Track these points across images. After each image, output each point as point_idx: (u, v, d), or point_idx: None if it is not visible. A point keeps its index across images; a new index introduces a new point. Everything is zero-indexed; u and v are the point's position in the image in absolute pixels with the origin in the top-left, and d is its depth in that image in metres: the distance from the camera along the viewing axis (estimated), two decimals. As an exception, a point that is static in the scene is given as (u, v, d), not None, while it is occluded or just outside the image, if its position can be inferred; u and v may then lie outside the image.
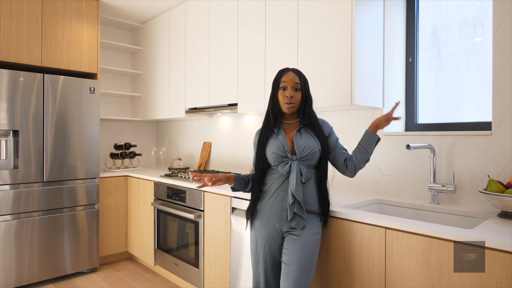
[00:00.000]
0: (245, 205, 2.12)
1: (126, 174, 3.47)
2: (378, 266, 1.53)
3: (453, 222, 1.76)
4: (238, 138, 3.23)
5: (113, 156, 3.66)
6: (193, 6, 3.20)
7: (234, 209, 2.27)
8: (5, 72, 2.74)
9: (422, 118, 2.23)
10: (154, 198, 3.07)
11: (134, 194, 3.39)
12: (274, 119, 1.69)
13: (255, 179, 1.71)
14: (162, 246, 2.99)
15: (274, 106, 1.69)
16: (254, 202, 1.72)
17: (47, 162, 2.93)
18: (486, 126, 1.88)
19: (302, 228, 1.58)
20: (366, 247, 1.57)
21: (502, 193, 1.55)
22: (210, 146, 3.52)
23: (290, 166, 1.60)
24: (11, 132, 2.80)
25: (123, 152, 3.67)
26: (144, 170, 3.68)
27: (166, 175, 3.06)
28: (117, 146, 3.70)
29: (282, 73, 1.68)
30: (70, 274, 3.09)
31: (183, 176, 2.93)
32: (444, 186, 1.84)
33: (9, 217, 2.74)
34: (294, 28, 2.30)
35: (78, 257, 3.10)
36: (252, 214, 1.72)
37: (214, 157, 3.48)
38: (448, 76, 2.12)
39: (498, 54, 1.74)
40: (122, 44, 3.83)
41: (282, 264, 1.60)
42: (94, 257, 3.19)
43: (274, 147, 1.64)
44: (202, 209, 2.53)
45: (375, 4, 2.14)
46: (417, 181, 2.05)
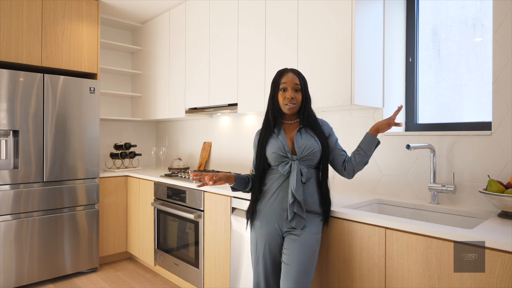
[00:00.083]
0: (245, 205, 2.12)
1: (126, 174, 3.47)
2: (378, 266, 1.53)
3: (453, 222, 1.76)
4: (238, 138, 3.23)
5: (113, 156, 3.66)
6: (193, 6, 3.20)
7: (234, 209, 2.27)
8: (5, 72, 2.74)
9: (422, 118, 2.23)
10: (154, 198, 3.07)
11: (134, 194, 3.39)
12: (274, 120, 1.69)
13: (255, 179, 1.71)
14: (162, 246, 2.99)
15: (274, 107, 1.69)
16: (254, 202, 1.72)
17: (47, 162, 2.94)
18: (486, 126, 1.88)
19: (302, 228, 1.58)
20: (366, 247, 1.57)
21: (502, 193, 1.55)
22: (210, 146, 3.52)
23: (291, 166, 1.60)
24: (11, 132, 2.80)
25: (123, 152, 3.67)
26: (144, 170, 3.68)
27: (166, 175, 3.06)
28: (117, 146, 3.70)
29: (282, 74, 1.67)
30: (70, 274, 3.10)
31: (183, 176, 2.93)
32: (444, 186, 1.84)
33: (9, 217, 2.74)
34: (294, 28, 2.30)
35: (78, 257, 3.10)
36: (252, 214, 1.72)
37: (214, 157, 3.48)
38: (448, 76, 2.12)
39: (498, 54, 1.74)
40: (122, 44, 3.83)
41: (282, 264, 1.60)
42: (94, 257, 3.19)
43: (274, 147, 1.64)
44: (202, 209, 2.53)
45: (375, 4, 2.14)
46: (417, 181, 2.05)
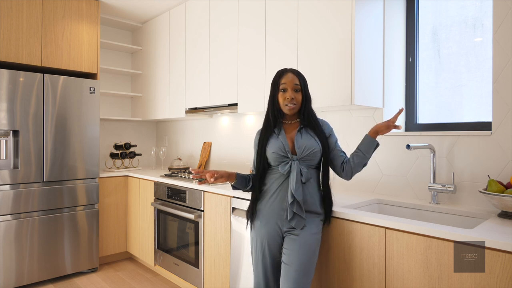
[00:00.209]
0: (245, 205, 2.12)
1: (126, 174, 3.47)
2: (378, 266, 1.53)
3: (453, 222, 1.76)
4: (238, 138, 3.23)
5: (113, 156, 3.66)
6: (193, 6, 3.20)
7: (234, 209, 2.27)
8: (5, 72, 2.74)
9: (422, 118, 2.23)
10: (154, 198, 3.07)
11: (134, 194, 3.39)
12: (274, 120, 1.69)
13: (255, 179, 1.72)
14: (162, 246, 2.99)
15: (274, 107, 1.69)
16: (254, 202, 1.72)
17: (47, 162, 2.93)
18: (486, 126, 1.88)
19: (302, 228, 1.58)
20: (366, 247, 1.57)
21: (502, 193, 1.55)
22: (210, 146, 3.52)
23: (290, 166, 1.60)
24: (11, 132, 2.80)
25: (123, 152, 3.67)
26: (144, 170, 3.68)
27: (166, 175, 3.06)
28: (117, 146, 3.70)
29: (281, 74, 1.67)
30: (70, 274, 3.09)
31: (183, 176, 2.93)
32: (444, 186, 1.84)
33: (9, 217, 2.74)
34: (294, 28, 2.30)
35: (78, 257, 3.10)
36: (252, 214, 1.72)
37: (214, 157, 3.48)
38: (448, 76, 2.12)
39: (498, 54, 1.74)
40: (122, 44, 3.83)
41: (282, 264, 1.60)
42: (94, 257, 3.19)
43: (274, 147, 1.64)
44: (202, 209, 2.53)
45: (375, 4, 2.14)
46: (417, 181, 2.05)
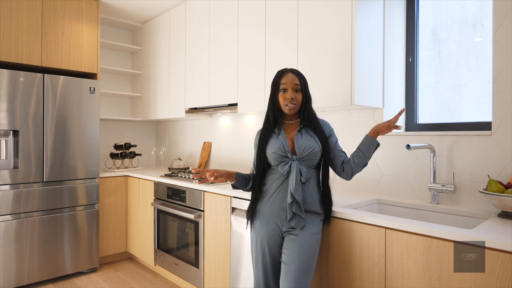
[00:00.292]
0: (245, 205, 2.12)
1: (126, 174, 3.47)
2: (378, 266, 1.53)
3: (453, 222, 1.76)
4: (238, 138, 3.23)
5: (113, 156, 3.66)
6: (193, 6, 3.20)
7: (234, 209, 2.27)
8: (5, 72, 2.74)
9: (422, 118, 2.23)
10: (154, 198, 3.07)
11: (134, 194, 3.39)
12: (274, 120, 1.69)
13: (255, 179, 1.72)
14: (162, 246, 2.99)
15: (274, 107, 1.69)
16: (254, 202, 1.72)
17: (47, 162, 2.93)
18: (486, 126, 1.88)
19: (302, 228, 1.58)
20: (366, 247, 1.57)
21: (502, 193, 1.55)
22: (210, 146, 3.52)
23: (290, 166, 1.60)
24: (11, 132, 2.80)
25: (123, 152, 3.67)
26: (144, 170, 3.68)
27: (166, 175, 3.06)
28: (117, 146, 3.70)
29: (281, 74, 1.67)
30: (70, 274, 3.09)
31: (183, 176, 2.92)
32: (444, 186, 1.84)
33: (9, 217, 2.74)
34: (294, 28, 2.30)
35: (78, 257, 3.10)
36: (252, 214, 1.72)
37: (214, 157, 3.48)
38: (448, 76, 2.12)
39: (498, 54, 1.74)
40: (122, 44, 3.83)
41: (282, 264, 1.60)
42: (94, 257, 3.19)
43: (274, 147, 1.64)
44: (202, 209, 2.53)
45: (375, 4, 2.14)
46: (417, 181, 2.05)
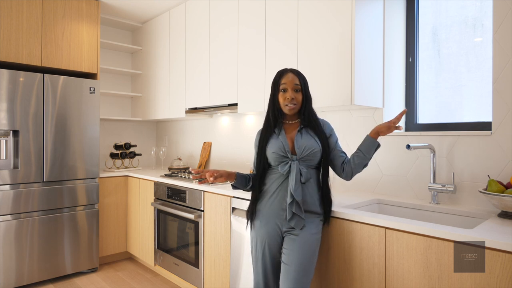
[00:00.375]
0: (245, 205, 2.12)
1: (126, 174, 3.47)
2: (378, 266, 1.53)
3: (453, 222, 1.76)
4: (238, 138, 3.23)
5: (113, 156, 3.66)
6: (193, 6, 3.20)
7: (234, 209, 2.27)
8: (5, 72, 2.74)
9: (422, 118, 2.23)
10: (154, 198, 3.07)
11: (134, 194, 3.39)
12: (275, 120, 1.69)
13: (255, 179, 1.72)
14: (162, 246, 2.99)
15: (275, 107, 1.69)
16: (254, 202, 1.72)
17: (47, 162, 2.93)
18: (486, 126, 1.88)
19: (302, 228, 1.58)
20: (366, 247, 1.57)
21: (502, 193, 1.55)
22: (210, 146, 3.52)
23: (290, 166, 1.60)
24: (11, 132, 2.80)
25: (123, 152, 3.67)
26: (144, 170, 3.68)
27: (166, 175, 3.06)
28: (117, 146, 3.70)
29: (281, 74, 1.67)
30: (70, 274, 3.09)
31: (183, 176, 2.92)
32: (444, 186, 1.84)
33: (9, 217, 2.74)
34: (294, 28, 2.30)
35: (78, 257, 3.10)
36: (252, 214, 1.72)
37: (214, 157, 3.48)
38: (448, 76, 2.12)
39: (498, 54, 1.74)
40: (122, 44, 3.83)
41: (282, 264, 1.60)
42: (94, 257, 3.19)
43: (274, 147, 1.64)
44: (202, 209, 2.53)
45: (375, 4, 2.14)
46: (417, 181, 2.05)
